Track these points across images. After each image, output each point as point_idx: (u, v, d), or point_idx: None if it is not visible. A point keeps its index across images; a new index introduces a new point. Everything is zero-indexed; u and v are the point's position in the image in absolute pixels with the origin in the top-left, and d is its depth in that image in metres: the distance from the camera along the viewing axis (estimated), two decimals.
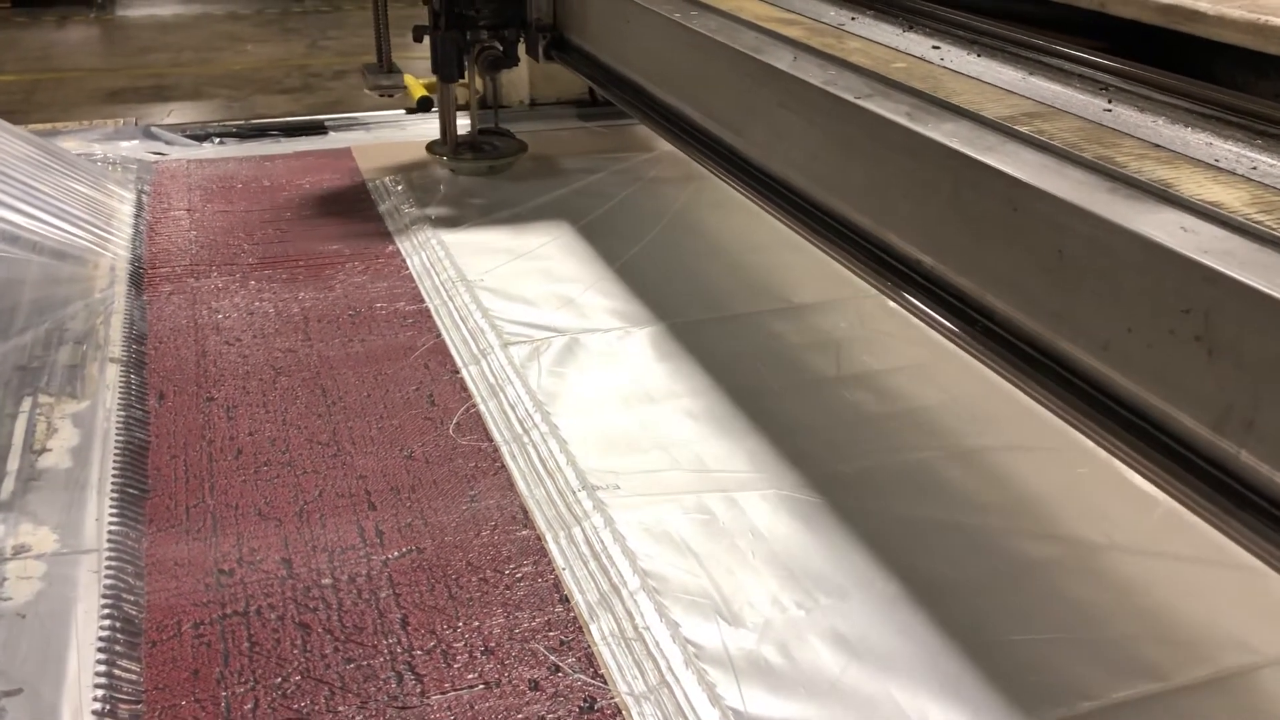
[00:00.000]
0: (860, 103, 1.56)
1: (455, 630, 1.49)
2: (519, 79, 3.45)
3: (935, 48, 1.73)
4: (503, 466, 1.83)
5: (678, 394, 2.01)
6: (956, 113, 1.46)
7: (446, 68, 2.96)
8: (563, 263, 2.54)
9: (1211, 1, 1.39)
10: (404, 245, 2.62)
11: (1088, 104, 1.44)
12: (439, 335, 2.23)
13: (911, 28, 1.83)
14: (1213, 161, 1.23)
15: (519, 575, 1.59)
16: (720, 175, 2.01)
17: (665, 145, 3.29)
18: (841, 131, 1.61)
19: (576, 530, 1.66)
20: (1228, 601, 1.52)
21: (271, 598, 1.53)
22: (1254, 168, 1.20)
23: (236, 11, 9.20)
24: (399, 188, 2.94)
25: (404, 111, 3.63)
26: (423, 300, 2.37)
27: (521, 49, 2.98)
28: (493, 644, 1.46)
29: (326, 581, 1.57)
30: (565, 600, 1.54)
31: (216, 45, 8.07)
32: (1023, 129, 1.36)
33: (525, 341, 2.17)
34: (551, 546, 1.64)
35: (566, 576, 1.58)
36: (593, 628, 1.49)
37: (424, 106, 3.51)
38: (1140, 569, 1.58)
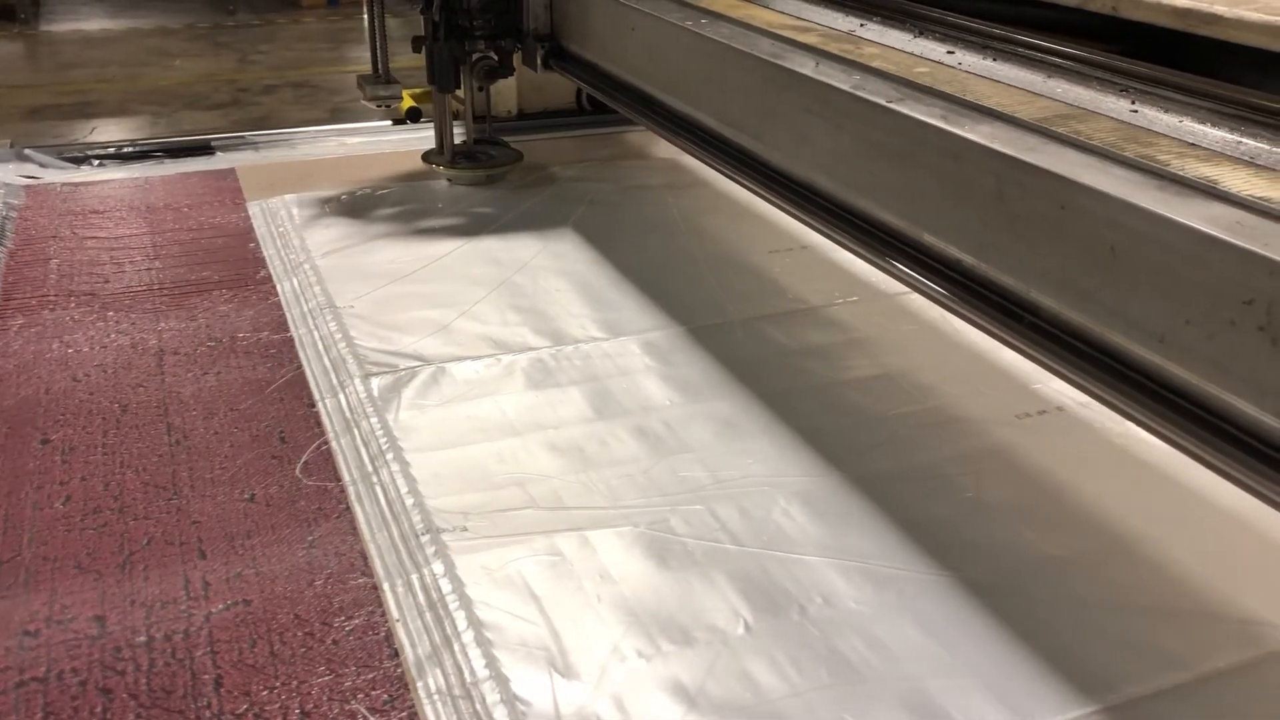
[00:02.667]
0: (893, 106, 1.58)
1: (272, 691, 1.39)
2: (507, 89, 3.43)
3: (950, 53, 1.74)
4: (347, 509, 1.73)
5: (543, 426, 1.93)
6: (991, 115, 1.47)
7: (444, 78, 2.96)
8: (443, 284, 2.45)
9: (1228, 5, 1.42)
10: (276, 270, 2.52)
11: (1114, 105, 1.46)
12: (300, 367, 2.13)
13: (922, 34, 1.84)
14: (1249, 159, 1.26)
15: (349, 628, 1.50)
16: (739, 179, 2.02)
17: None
18: (873, 135, 1.64)
19: (415, 577, 1.57)
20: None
21: (76, 660, 1.43)
22: None
23: (166, 26, 9.03)
24: (281, 211, 2.83)
25: (390, 123, 3.62)
26: (288, 329, 2.27)
27: (517, 59, 2.99)
28: (310, 705, 1.37)
29: (140, 640, 1.47)
30: (395, 654, 1.45)
31: (144, 60, 7.91)
32: (1060, 130, 1.38)
33: (388, 372, 2.07)
34: (388, 596, 1.55)
35: (400, 629, 1.49)
36: (420, 685, 1.40)
37: (413, 117, 3.52)
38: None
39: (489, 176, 3.12)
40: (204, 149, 3.25)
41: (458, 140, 3.15)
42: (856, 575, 1.57)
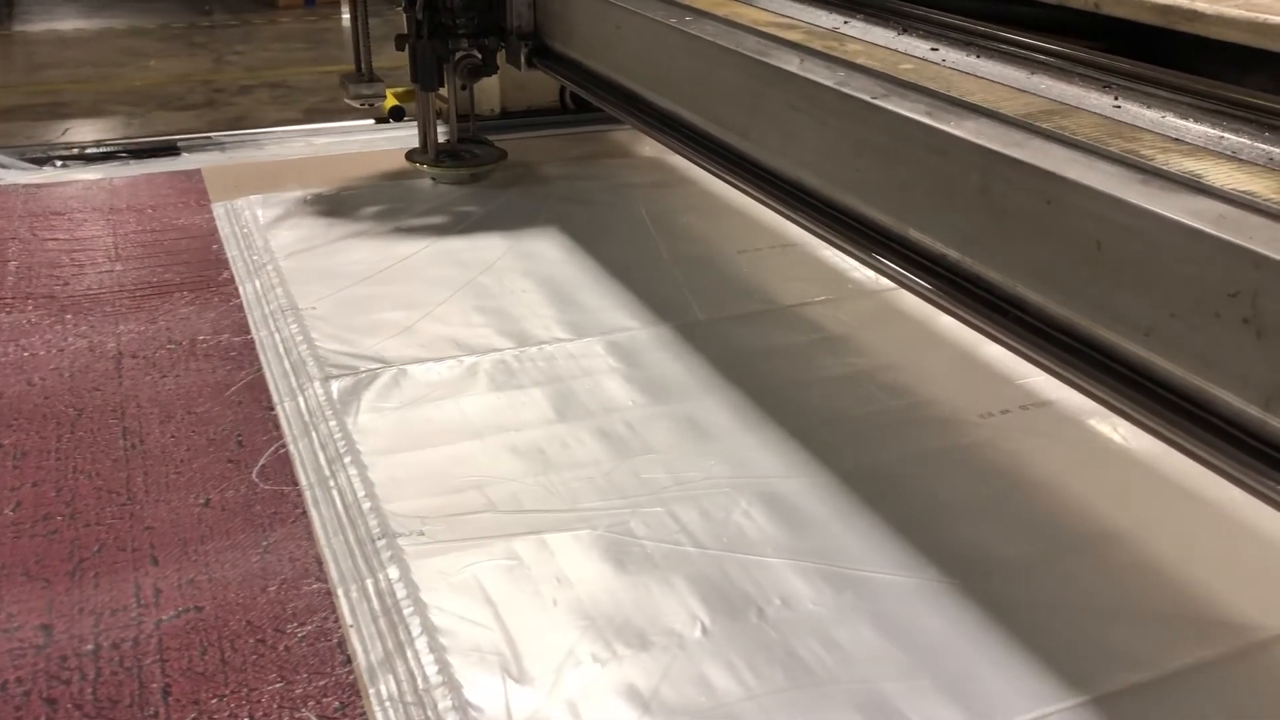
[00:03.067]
0: (878, 103, 1.58)
1: (221, 699, 1.37)
2: (490, 88, 3.42)
3: (934, 49, 1.75)
4: (304, 513, 1.71)
5: (504, 428, 1.91)
6: (976, 111, 1.47)
7: (427, 76, 2.95)
8: (408, 285, 2.43)
9: (1209, 1, 1.43)
10: (239, 272, 2.49)
11: (1096, 101, 1.46)
12: (260, 369, 2.10)
13: (905, 31, 1.84)
14: (1231, 154, 1.27)
15: (302, 634, 1.48)
16: (725, 177, 2.04)
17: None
18: (857, 131, 1.65)
19: (370, 583, 1.55)
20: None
21: (21, 670, 1.40)
22: (1271, 158, 1.24)
23: (140, 26, 8.96)
24: (246, 212, 2.80)
25: (373, 121, 3.61)
26: (250, 331, 2.24)
27: (501, 58, 2.99)
28: (260, 713, 1.35)
29: (88, 649, 1.44)
30: (348, 661, 1.43)
31: (118, 61, 7.84)
32: (1045, 125, 1.38)
33: (349, 374, 2.05)
34: (342, 601, 1.53)
35: (353, 635, 1.47)
36: (372, 691, 1.38)
37: (396, 116, 3.51)
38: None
39: (473, 175, 3.11)
40: (170, 149, 3.22)
41: (440, 139, 3.14)
42: (816, 576, 1.56)
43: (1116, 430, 1.90)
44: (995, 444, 1.88)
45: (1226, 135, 1.31)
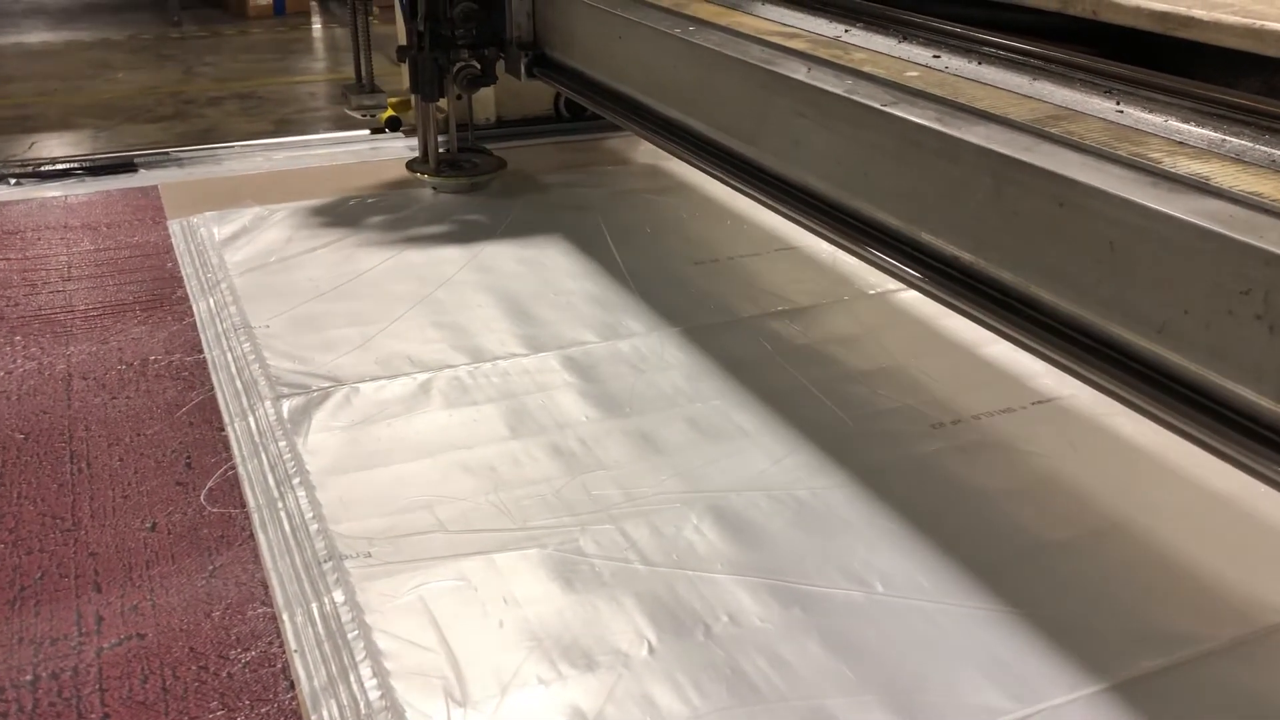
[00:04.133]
0: (889, 110, 1.62)
1: None
2: (485, 97, 3.45)
3: (936, 57, 1.78)
4: (251, 536, 1.69)
5: (456, 446, 1.90)
6: (985, 117, 1.51)
7: (428, 87, 2.97)
8: (364, 301, 2.41)
9: (1206, 8, 1.48)
10: (193, 290, 2.47)
11: (1099, 106, 1.49)
12: (212, 389, 2.09)
13: (906, 39, 1.87)
14: (1235, 156, 1.30)
15: (245, 660, 1.46)
16: (731, 182, 2.06)
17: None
18: (868, 138, 1.68)
19: (315, 606, 1.54)
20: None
21: None
22: (1273, 160, 1.28)
23: (109, 38, 8.88)
24: (202, 229, 2.78)
25: (369, 132, 3.63)
26: (202, 350, 2.22)
27: (500, 68, 3.01)
28: None
29: (26, 679, 1.42)
30: (292, 686, 1.42)
31: (86, 73, 7.77)
32: (1054, 130, 1.42)
33: (300, 393, 2.04)
34: (287, 626, 1.51)
35: (297, 659, 1.46)
36: (314, 717, 1.37)
37: (393, 126, 3.54)
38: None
39: (473, 184, 3.14)
40: (127, 166, 3.19)
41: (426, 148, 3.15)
42: (764, 592, 1.56)
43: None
44: (946, 457, 1.88)
45: (1228, 138, 1.34)
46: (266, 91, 7.34)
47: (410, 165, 3.16)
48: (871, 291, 2.51)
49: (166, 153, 3.29)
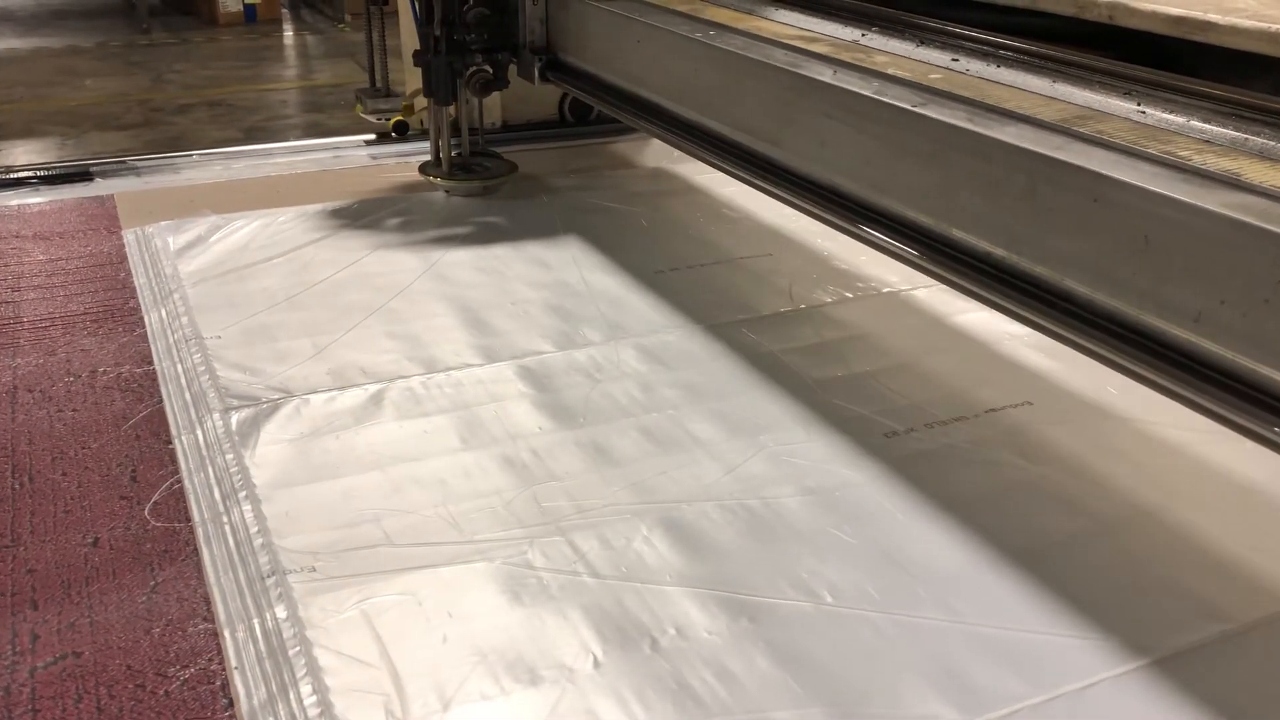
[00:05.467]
0: (920, 110, 1.66)
1: None
2: (491, 102, 3.45)
3: (955, 60, 1.83)
4: (195, 551, 1.67)
5: (406, 458, 1.88)
6: (1015, 117, 1.56)
7: (443, 91, 2.99)
8: (318, 311, 2.39)
9: (1219, 12, 1.53)
10: (146, 300, 2.44)
11: (1121, 107, 1.55)
12: (160, 402, 2.06)
13: (923, 43, 1.91)
14: (1260, 154, 1.35)
15: (184, 678, 1.43)
16: (756, 183, 2.09)
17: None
18: (898, 137, 1.72)
19: (257, 622, 1.51)
20: None
21: None
22: None
23: (77, 45, 8.82)
24: (157, 239, 2.75)
25: (373, 136, 3.65)
26: (153, 362, 2.19)
27: (512, 72, 3.04)
28: None
29: None
30: (230, 704, 1.39)
31: (53, 80, 7.71)
32: (1083, 129, 1.47)
33: (250, 405, 2.01)
34: (227, 642, 1.49)
35: (237, 676, 1.43)
36: None
37: (400, 130, 3.57)
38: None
39: (485, 187, 3.16)
40: (82, 175, 3.15)
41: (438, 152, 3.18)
42: (712, 603, 1.55)
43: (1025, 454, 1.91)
44: (897, 467, 1.88)
45: (1250, 137, 1.39)
46: (236, 99, 7.30)
47: (423, 169, 3.19)
48: (829, 300, 2.50)
49: (124, 161, 3.24)
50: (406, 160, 3.39)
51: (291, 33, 9.44)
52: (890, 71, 1.78)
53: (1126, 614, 1.53)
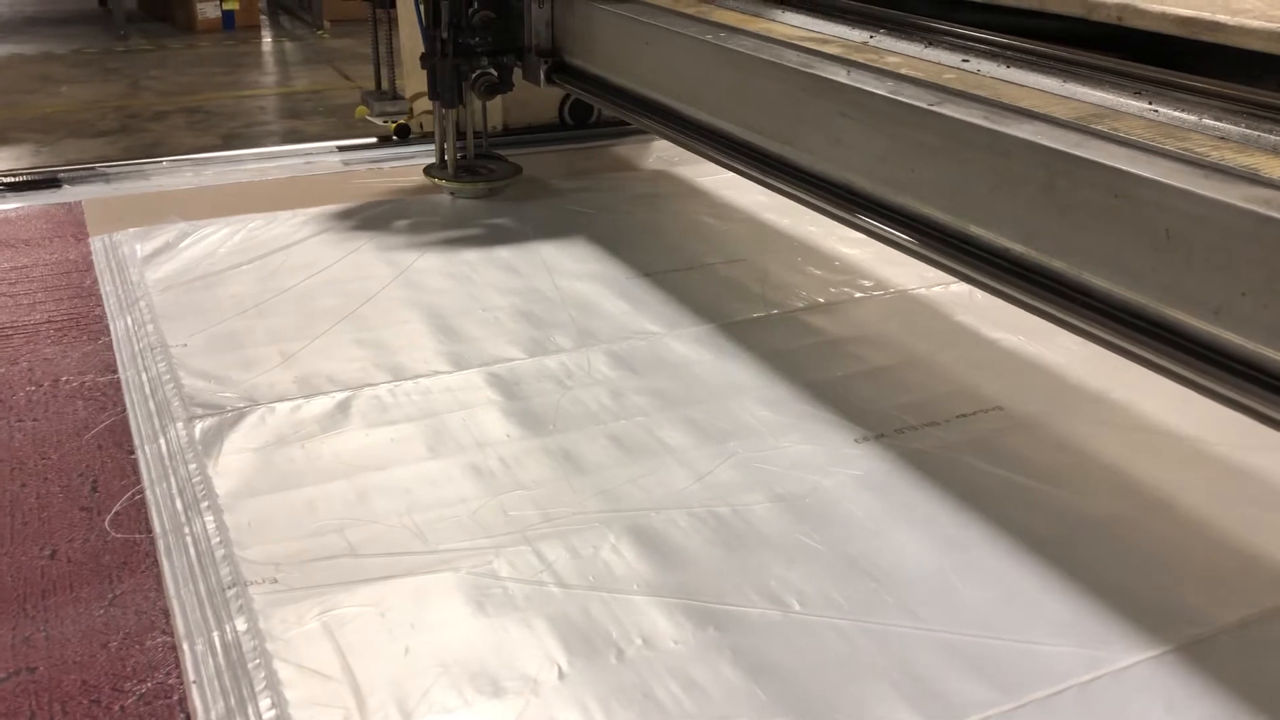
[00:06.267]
0: (936, 109, 1.70)
1: None
2: (492, 106, 3.46)
3: (965, 60, 1.85)
4: (155, 563, 1.64)
5: (371, 467, 1.85)
6: (1031, 115, 1.58)
7: (449, 94, 3.02)
8: (287, 318, 2.36)
9: (1229, 13, 1.55)
10: (111, 308, 2.41)
11: (1133, 106, 1.57)
12: (124, 411, 2.03)
13: (932, 44, 1.92)
14: (1273, 150, 1.37)
15: (140, 693, 1.41)
16: (769, 182, 2.13)
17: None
18: (914, 136, 1.76)
19: (216, 635, 1.49)
20: None
21: None
22: None
23: (52, 51, 8.74)
24: (124, 246, 2.72)
25: (375, 139, 3.66)
26: (117, 371, 2.16)
27: (517, 75, 3.07)
28: None
29: None
30: (188, 719, 1.37)
31: (28, 87, 7.64)
32: (1099, 127, 1.49)
33: (214, 414, 1.98)
34: (186, 655, 1.46)
35: (195, 691, 1.41)
36: None
37: (401, 134, 3.59)
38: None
39: (491, 189, 3.17)
40: (50, 182, 3.12)
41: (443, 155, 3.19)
42: (679, 613, 1.53)
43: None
44: (865, 473, 1.87)
45: (1263, 134, 1.41)
46: (214, 105, 7.25)
47: (428, 171, 3.21)
48: (799, 303, 2.50)
49: (93, 168, 3.21)
50: (379, 166, 3.38)
51: (270, 39, 9.39)
52: (904, 72, 1.80)
53: (1094, 621, 1.53)
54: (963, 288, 2.59)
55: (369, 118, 3.59)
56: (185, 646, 1.48)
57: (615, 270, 2.67)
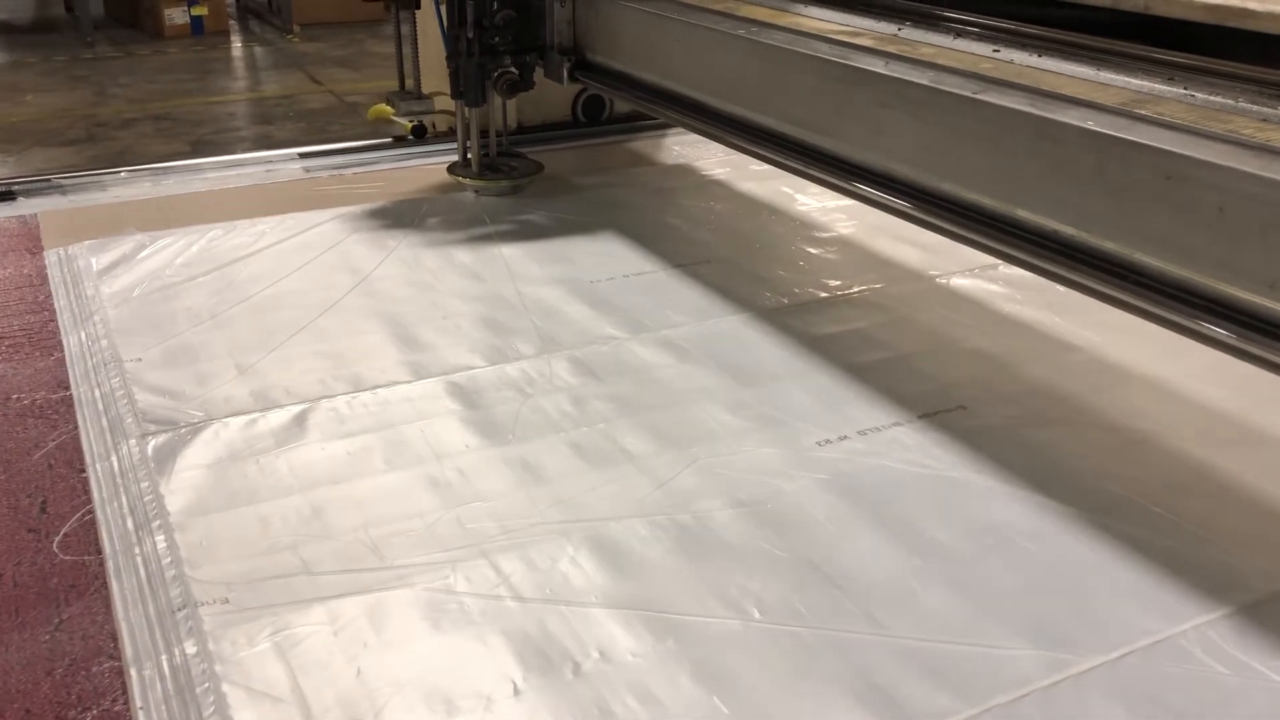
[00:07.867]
0: (980, 97, 1.74)
1: None
2: (507, 104, 3.46)
3: (996, 51, 1.88)
4: (104, 585, 1.61)
5: (326, 482, 1.82)
6: (1075, 102, 1.62)
7: (473, 93, 3.06)
8: (243, 330, 2.32)
9: (1255, 1, 1.60)
10: (65, 323, 2.37)
11: (1169, 91, 1.61)
12: (76, 428, 1.99)
13: (960, 35, 1.95)
14: None
15: None
16: (809, 173, 2.17)
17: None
18: (958, 124, 1.80)
19: (165, 659, 1.46)
20: None
21: None
22: None
23: (18, 60, 8.65)
24: (80, 259, 2.67)
25: (390, 140, 3.69)
26: (70, 387, 2.13)
27: (538, 74, 3.13)
28: None
29: None
30: None
31: None
32: (1144, 112, 1.53)
33: (167, 430, 1.95)
34: (134, 681, 1.43)
35: (142, 717, 1.38)
36: None
37: (418, 134, 3.67)
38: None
39: (514, 186, 3.20)
40: (4, 195, 3.06)
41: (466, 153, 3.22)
42: (638, 624, 1.51)
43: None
44: (827, 478, 1.85)
45: None
46: (183, 112, 7.18)
47: (451, 169, 3.24)
48: (752, 309, 2.48)
49: (48, 179, 3.16)
50: (340, 173, 3.34)
51: (240, 45, 9.32)
52: (940, 62, 1.83)
53: (1057, 625, 1.51)
54: (933, 286, 2.58)
55: (394, 117, 3.60)
56: (133, 671, 1.45)
57: (574, 273, 2.64)
